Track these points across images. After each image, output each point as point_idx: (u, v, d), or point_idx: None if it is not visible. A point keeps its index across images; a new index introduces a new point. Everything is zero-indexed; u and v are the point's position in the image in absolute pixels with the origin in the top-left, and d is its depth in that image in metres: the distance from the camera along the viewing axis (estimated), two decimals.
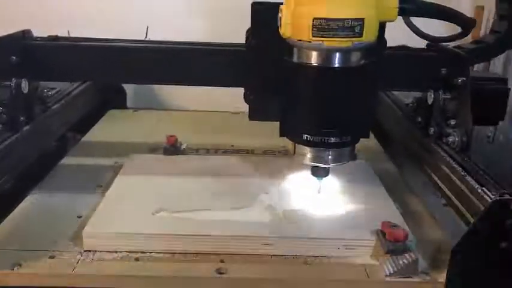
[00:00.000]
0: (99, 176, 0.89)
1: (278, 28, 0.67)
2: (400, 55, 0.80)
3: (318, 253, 0.69)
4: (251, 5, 0.74)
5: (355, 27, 0.62)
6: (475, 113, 0.76)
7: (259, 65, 0.76)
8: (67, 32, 0.90)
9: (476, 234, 0.60)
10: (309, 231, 0.71)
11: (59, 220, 0.76)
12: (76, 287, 0.65)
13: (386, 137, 1.08)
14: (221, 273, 0.66)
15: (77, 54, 0.82)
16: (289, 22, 0.65)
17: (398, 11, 0.67)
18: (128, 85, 1.31)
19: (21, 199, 0.81)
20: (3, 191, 0.79)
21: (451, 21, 0.75)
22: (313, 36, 0.63)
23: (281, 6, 0.66)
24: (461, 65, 0.78)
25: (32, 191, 0.84)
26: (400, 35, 0.80)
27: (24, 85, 0.81)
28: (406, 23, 0.85)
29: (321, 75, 0.67)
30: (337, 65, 0.66)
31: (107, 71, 0.84)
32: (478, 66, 1.06)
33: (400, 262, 0.65)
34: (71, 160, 0.99)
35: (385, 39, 0.72)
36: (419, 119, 0.88)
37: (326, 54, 0.66)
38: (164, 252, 0.69)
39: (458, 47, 0.82)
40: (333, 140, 0.69)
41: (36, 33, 0.85)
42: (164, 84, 1.02)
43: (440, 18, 0.74)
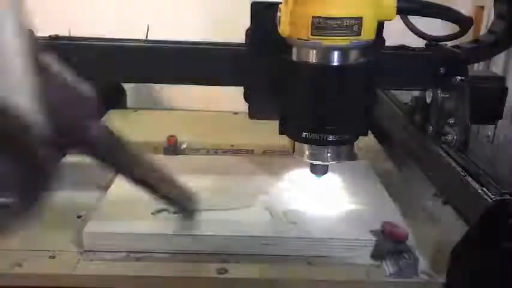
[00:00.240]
0: (100, 175, 0.89)
1: (277, 27, 0.68)
2: (399, 54, 0.81)
3: (318, 253, 0.69)
4: (251, 4, 0.75)
5: (353, 26, 0.63)
6: (473, 112, 0.77)
7: (258, 64, 0.76)
8: (68, 31, 0.90)
9: (476, 234, 0.60)
10: (309, 231, 0.71)
11: (59, 220, 0.76)
12: (76, 287, 0.65)
13: (385, 136, 1.09)
14: (221, 273, 0.66)
15: (77, 54, 0.82)
16: (288, 21, 0.65)
17: (396, 10, 0.67)
18: (128, 85, 1.31)
19: None
20: None
21: (448, 20, 0.75)
22: (311, 34, 0.63)
23: (280, 5, 0.67)
24: (459, 64, 0.79)
25: None
26: (398, 34, 0.81)
27: None
28: (404, 22, 0.85)
29: (320, 73, 0.68)
30: (335, 63, 0.66)
31: (108, 70, 0.84)
32: (478, 66, 1.06)
33: (400, 262, 0.65)
34: (70, 160, 0.99)
35: (383, 38, 0.72)
36: (417, 118, 0.89)
37: (324, 53, 0.66)
38: (164, 252, 0.69)
39: (456, 46, 0.82)
40: (332, 137, 0.69)
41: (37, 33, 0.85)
42: (164, 84, 1.02)
43: (438, 17, 0.74)
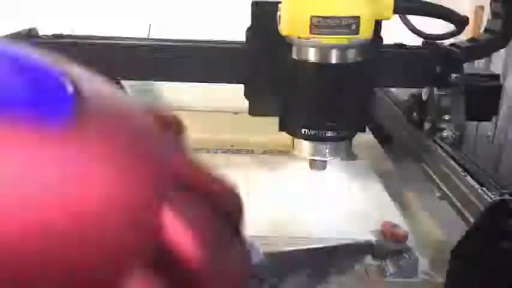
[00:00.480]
0: None
1: (277, 26, 0.68)
2: (396, 53, 0.81)
3: None
4: (251, 3, 0.76)
5: (351, 24, 0.64)
6: (469, 109, 0.78)
7: (259, 62, 0.78)
8: (71, 30, 0.90)
9: (476, 234, 0.60)
10: (309, 231, 0.71)
11: None
12: None
13: (385, 135, 1.09)
14: None
15: (80, 52, 0.83)
16: (287, 20, 0.66)
17: (394, 10, 0.68)
18: (128, 85, 1.31)
19: None
20: None
21: (444, 19, 0.77)
22: (310, 33, 0.64)
23: (280, 4, 0.68)
24: (455, 62, 0.80)
25: None
26: (396, 33, 0.81)
27: None
28: (402, 21, 0.86)
29: (319, 71, 0.69)
30: (334, 62, 0.68)
31: (110, 68, 0.84)
32: (477, 64, 1.06)
33: (400, 262, 0.65)
34: None
35: (381, 37, 0.73)
36: (414, 115, 0.90)
37: (323, 51, 0.67)
38: None
39: (453, 45, 0.83)
40: (330, 134, 0.70)
41: (41, 31, 0.86)
42: (166, 81, 1.03)
43: (434, 17, 0.76)
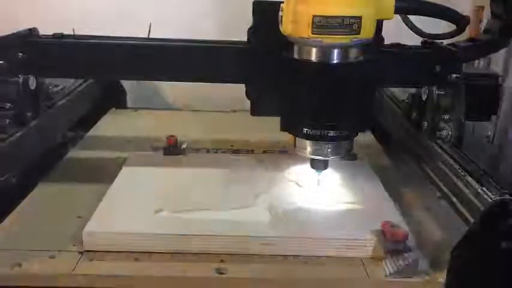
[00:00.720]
0: (100, 175, 0.89)
1: (278, 25, 0.69)
2: (395, 52, 0.82)
3: (318, 253, 0.69)
4: (252, 3, 0.76)
5: (353, 24, 0.64)
6: (468, 108, 0.78)
7: (260, 61, 0.78)
8: (72, 30, 0.91)
9: (476, 234, 0.60)
10: (309, 231, 0.71)
11: (59, 220, 0.76)
12: (76, 287, 0.65)
13: (384, 135, 1.09)
14: (221, 273, 0.66)
15: (81, 52, 0.84)
16: (289, 20, 0.67)
17: (395, 9, 0.68)
18: (128, 85, 1.31)
19: (26, 194, 0.83)
20: (10, 186, 0.79)
21: (445, 19, 0.78)
22: (312, 33, 0.65)
23: (282, 4, 0.68)
24: (454, 62, 0.80)
25: (33, 189, 0.85)
26: (396, 32, 0.81)
27: (32, 81, 0.83)
28: (403, 21, 0.86)
29: (320, 70, 0.69)
30: (335, 61, 0.68)
31: (111, 68, 0.85)
32: (477, 64, 1.06)
33: (400, 262, 0.65)
34: (70, 160, 0.99)
35: (382, 37, 0.73)
36: (414, 115, 0.90)
37: (325, 51, 0.68)
38: (164, 252, 0.69)
39: (452, 44, 0.83)
40: (332, 133, 0.71)
41: (42, 31, 0.86)
42: (167, 81, 1.04)
43: (435, 17, 0.76)
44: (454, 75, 0.80)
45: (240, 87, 0.82)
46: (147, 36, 1.03)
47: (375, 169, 0.91)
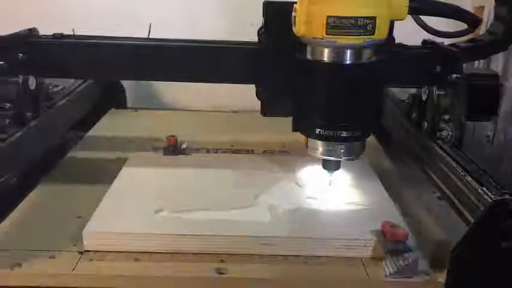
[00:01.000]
0: (100, 175, 0.89)
1: (290, 26, 0.69)
2: (396, 53, 0.82)
3: (318, 253, 0.69)
4: (263, 3, 0.76)
5: (367, 25, 0.64)
6: (468, 109, 0.78)
7: (271, 62, 0.78)
8: (72, 30, 0.91)
9: (476, 234, 0.60)
10: (309, 231, 0.71)
11: (59, 220, 0.76)
12: (76, 287, 0.65)
13: (384, 135, 1.09)
14: (221, 273, 0.66)
15: (81, 52, 0.84)
16: (303, 20, 0.66)
17: (408, 10, 0.68)
18: (128, 85, 1.31)
19: (26, 194, 0.83)
20: (10, 186, 0.79)
21: (458, 19, 0.78)
22: (326, 34, 0.65)
23: (295, 5, 0.68)
24: (455, 62, 0.80)
25: (33, 189, 0.85)
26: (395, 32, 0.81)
27: (32, 81, 0.83)
28: (415, 20, 0.86)
29: (334, 71, 0.69)
30: (349, 62, 0.68)
31: (111, 68, 0.85)
32: (477, 64, 1.06)
33: (400, 262, 0.65)
34: (70, 160, 0.99)
35: (393, 37, 0.73)
36: (414, 115, 0.90)
37: (339, 51, 0.68)
38: (164, 252, 0.69)
39: (453, 45, 0.83)
40: (345, 134, 0.71)
41: (42, 32, 0.86)
42: (169, 81, 1.04)
43: (447, 17, 0.77)
44: (455, 75, 0.80)
45: (241, 88, 0.82)
46: (147, 36, 1.03)
47: (375, 169, 0.91)
